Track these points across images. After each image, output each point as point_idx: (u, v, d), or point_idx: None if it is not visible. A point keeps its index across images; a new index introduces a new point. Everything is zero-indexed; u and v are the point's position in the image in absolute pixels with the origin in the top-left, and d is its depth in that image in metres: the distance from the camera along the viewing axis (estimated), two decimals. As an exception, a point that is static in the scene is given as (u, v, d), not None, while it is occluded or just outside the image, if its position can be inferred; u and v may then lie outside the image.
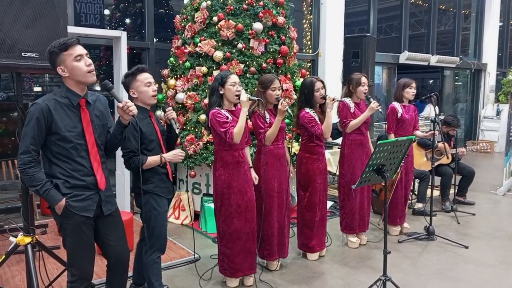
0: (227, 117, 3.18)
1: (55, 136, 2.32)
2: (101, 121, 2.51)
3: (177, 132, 3.12)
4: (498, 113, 11.25)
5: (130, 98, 2.95)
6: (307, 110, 3.81)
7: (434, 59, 10.18)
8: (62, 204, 2.36)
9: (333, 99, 3.73)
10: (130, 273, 3.57)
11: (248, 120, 3.83)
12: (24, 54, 2.68)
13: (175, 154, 2.99)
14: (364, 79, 4.19)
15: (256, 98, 3.39)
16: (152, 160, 2.91)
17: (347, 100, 4.21)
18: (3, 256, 3.11)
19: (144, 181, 2.89)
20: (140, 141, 2.84)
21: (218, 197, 3.32)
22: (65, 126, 2.33)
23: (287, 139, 4.71)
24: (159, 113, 4.90)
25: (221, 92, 3.23)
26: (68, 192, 2.37)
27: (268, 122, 3.52)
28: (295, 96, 5.12)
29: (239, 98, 3.21)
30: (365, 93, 4.18)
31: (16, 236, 3.03)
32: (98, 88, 7.98)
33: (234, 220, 3.31)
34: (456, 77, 12.52)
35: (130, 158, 2.85)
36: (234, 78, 3.25)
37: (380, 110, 4.10)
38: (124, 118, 2.45)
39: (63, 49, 2.31)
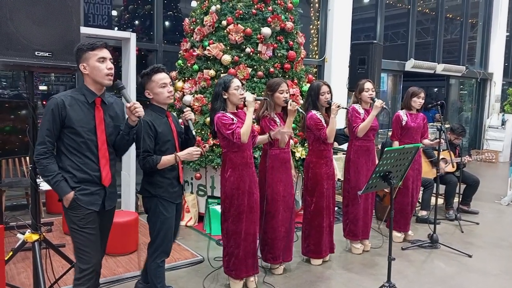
0: (232, 119, 3.21)
1: (68, 129, 2.44)
2: (114, 122, 2.60)
3: (193, 134, 3.06)
4: (503, 123, 11.22)
5: (147, 98, 2.97)
6: (314, 112, 3.84)
7: (440, 68, 10.18)
8: (70, 197, 2.46)
9: (338, 106, 3.74)
10: (131, 274, 3.62)
11: (255, 124, 3.86)
12: (37, 53, 2.71)
13: (190, 153, 2.91)
14: (367, 85, 4.21)
15: (262, 98, 3.44)
16: (166, 159, 2.85)
17: (357, 106, 4.23)
18: (11, 253, 3.13)
19: (153, 185, 2.90)
20: (156, 141, 2.83)
21: (227, 199, 3.33)
22: (78, 122, 2.45)
23: (293, 144, 4.74)
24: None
25: (225, 97, 3.25)
26: (76, 186, 2.48)
27: (279, 125, 3.55)
28: (301, 101, 5.14)
29: (244, 101, 3.26)
30: (370, 98, 4.19)
31: (23, 233, 3.05)
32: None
33: (242, 221, 3.34)
34: (462, 86, 12.51)
35: (145, 158, 2.81)
36: (237, 82, 3.29)
37: (385, 106, 4.09)
38: (131, 119, 2.54)
39: (90, 48, 2.45)
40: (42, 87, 7.25)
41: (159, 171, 2.88)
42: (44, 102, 7.15)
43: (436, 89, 14.86)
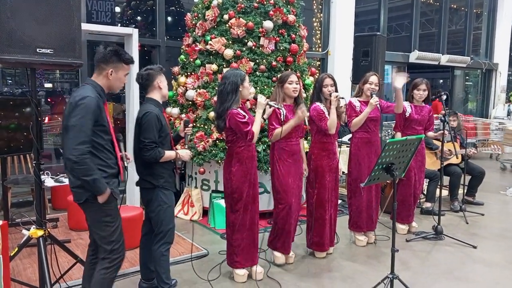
0: (244, 116, 3.27)
1: (99, 128, 2.50)
2: None
3: (186, 147, 3.39)
4: (509, 113, 11.17)
5: (150, 89, 3.08)
6: (318, 104, 3.86)
7: (444, 59, 10.12)
8: (108, 192, 2.54)
9: (337, 96, 3.75)
10: (135, 268, 3.64)
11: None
12: (39, 50, 2.71)
13: (187, 153, 3.17)
14: (372, 78, 4.20)
15: (275, 106, 3.45)
16: (169, 154, 3.01)
17: (353, 100, 4.24)
18: (16, 249, 3.17)
19: (155, 176, 3.02)
20: (160, 133, 2.96)
21: (236, 192, 3.37)
22: (105, 120, 2.55)
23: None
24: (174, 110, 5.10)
25: (240, 89, 3.31)
26: (108, 181, 2.56)
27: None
28: (304, 95, 5.13)
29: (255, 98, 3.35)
30: (370, 91, 4.17)
31: (28, 229, 3.08)
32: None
33: (248, 212, 3.42)
34: (467, 77, 12.43)
35: (152, 149, 2.92)
36: (247, 77, 3.42)
37: (378, 106, 4.11)
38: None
39: (126, 61, 2.60)
40: (47, 85, 7.29)
41: (160, 162, 3.00)
42: (49, 99, 7.20)
43: (441, 81, 14.78)
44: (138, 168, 3.09)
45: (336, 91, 3.88)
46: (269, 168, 3.96)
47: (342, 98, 3.88)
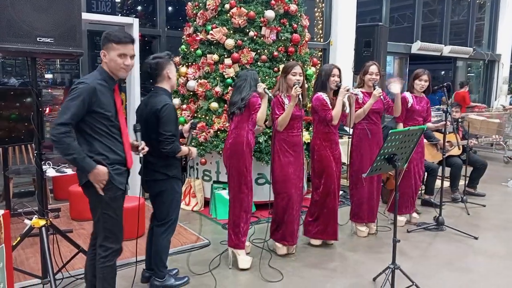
0: (260, 105, 3.45)
1: (98, 114, 2.49)
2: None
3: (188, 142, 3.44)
4: (511, 104, 11.12)
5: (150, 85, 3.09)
6: (321, 93, 3.85)
7: (447, 50, 10.06)
8: (102, 171, 2.47)
9: (348, 90, 3.76)
10: (139, 258, 3.64)
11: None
12: (39, 39, 2.69)
13: (196, 151, 3.26)
14: (372, 68, 4.17)
15: (270, 94, 3.53)
16: (184, 150, 3.04)
17: (355, 91, 4.22)
18: (18, 238, 3.18)
19: (170, 167, 3.06)
20: (175, 126, 3.00)
21: (242, 175, 3.47)
22: (107, 107, 2.52)
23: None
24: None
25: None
26: (110, 167, 2.53)
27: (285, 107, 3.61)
28: (305, 85, 5.10)
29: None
30: (372, 81, 4.15)
31: (30, 219, 3.08)
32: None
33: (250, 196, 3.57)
34: (469, 68, 12.37)
35: (173, 142, 2.93)
36: None
37: (382, 98, 4.10)
38: (134, 153, 2.77)
39: (114, 40, 2.52)
40: (48, 75, 7.26)
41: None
42: (49, 90, 7.18)
43: (443, 72, 14.72)
44: (150, 159, 2.99)
45: (340, 82, 3.87)
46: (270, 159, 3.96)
47: (356, 94, 3.93)
